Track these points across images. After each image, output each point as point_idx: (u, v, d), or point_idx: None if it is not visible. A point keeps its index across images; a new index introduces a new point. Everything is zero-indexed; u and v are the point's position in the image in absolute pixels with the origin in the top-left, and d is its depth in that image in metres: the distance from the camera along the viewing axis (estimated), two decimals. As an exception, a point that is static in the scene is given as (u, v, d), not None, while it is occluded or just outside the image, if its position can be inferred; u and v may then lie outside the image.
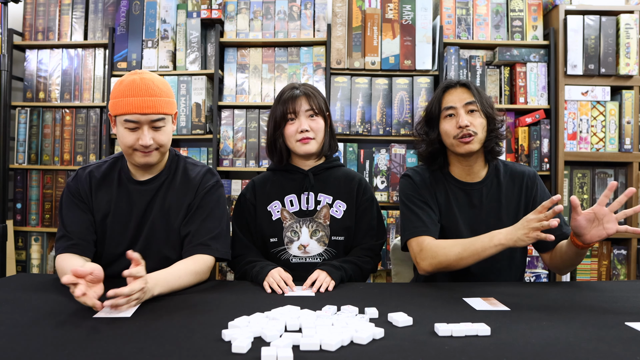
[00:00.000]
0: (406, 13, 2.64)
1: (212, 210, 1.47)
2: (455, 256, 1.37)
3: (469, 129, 1.47)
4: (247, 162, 2.67)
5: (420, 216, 1.50)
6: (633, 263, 2.52)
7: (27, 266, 2.78)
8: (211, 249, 1.42)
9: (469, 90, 1.51)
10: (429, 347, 0.90)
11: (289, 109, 1.58)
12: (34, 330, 0.98)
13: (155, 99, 1.36)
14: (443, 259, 1.39)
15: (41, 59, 2.82)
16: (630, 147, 2.53)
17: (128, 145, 1.37)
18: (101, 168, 1.50)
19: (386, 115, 2.63)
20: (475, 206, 1.53)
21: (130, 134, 1.36)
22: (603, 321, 1.06)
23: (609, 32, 2.52)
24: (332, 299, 1.25)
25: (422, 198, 1.54)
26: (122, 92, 1.36)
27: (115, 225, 1.45)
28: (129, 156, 1.41)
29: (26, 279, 1.50)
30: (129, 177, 1.47)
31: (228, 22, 2.72)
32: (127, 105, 1.34)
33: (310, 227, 1.58)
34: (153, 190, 1.46)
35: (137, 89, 1.35)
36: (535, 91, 2.60)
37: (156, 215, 1.45)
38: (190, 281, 1.34)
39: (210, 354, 0.86)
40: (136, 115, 1.34)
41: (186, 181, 1.49)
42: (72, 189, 1.46)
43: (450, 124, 1.51)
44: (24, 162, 2.79)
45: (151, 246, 1.45)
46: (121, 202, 1.45)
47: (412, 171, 1.61)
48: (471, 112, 1.50)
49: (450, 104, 1.51)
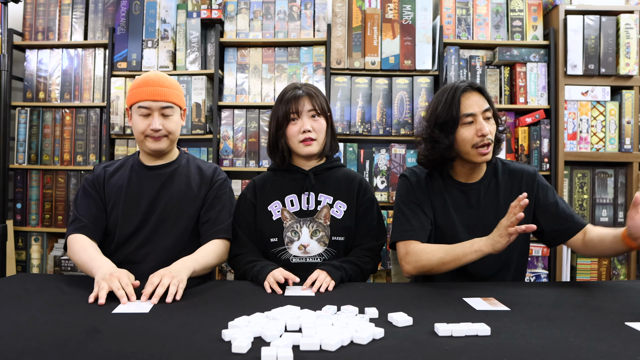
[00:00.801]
0: (406, 13, 2.64)
1: (226, 202, 1.63)
2: (438, 260, 1.40)
3: (488, 137, 1.44)
4: (247, 162, 2.67)
5: (410, 220, 1.50)
6: (633, 263, 2.52)
7: (27, 266, 2.78)
8: (229, 232, 1.60)
9: (482, 95, 1.48)
10: (429, 347, 0.90)
11: (291, 109, 1.58)
12: (34, 330, 0.98)
13: (165, 89, 1.56)
14: (426, 263, 1.42)
15: (41, 59, 2.82)
16: (630, 147, 2.53)
17: (140, 131, 1.55)
18: (116, 163, 1.67)
19: (386, 115, 2.63)
20: (473, 206, 1.53)
21: (143, 121, 1.55)
22: (603, 321, 1.06)
23: (609, 32, 2.52)
24: (332, 299, 1.25)
25: (416, 200, 1.53)
26: (137, 85, 1.56)
27: (126, 208, 1.57)
28: (141, 143, 1.59)
29: (26, 279, 1.50)
30: (140, 164, 1.63)
31: (228, 22, 2.72)
32: (141, 94, 1.54)
33: (311, 227, 1.58)
34: (164, 175, 1.61)
35: (150, 80, 1.56)
36: (535, 91, 2.60)
37: (167, 199, 1.58)
38: (214, 263, 1.51)
39: (210, 354, 0.86)
40: (148, 101, 1.54)
41: (200, 172, 1.65)
42: (89, 180, 1.62)
43: (469, 131, 1.46)
44: (24, 162, 2.79)
45: (160, 229, 1.57)
46: (132, 186, 1.59)
47: (410, 171, 1.60)
48: (487, 120, 1.48)
49: (470, 110, 1.45)
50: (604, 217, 2.56)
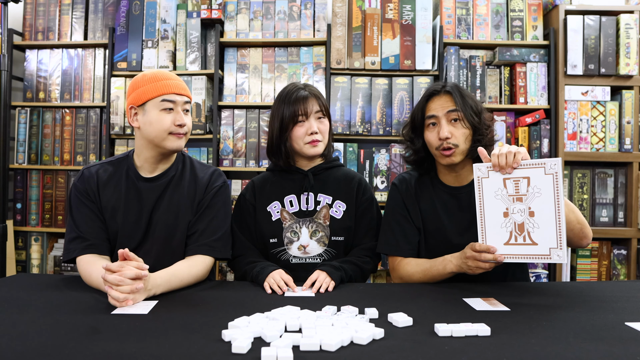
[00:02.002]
0: (406, 13, 2.64)
1: (219, 210, 1.51)
2: (418, 280, 1.49)
3: (449, 141, 1.44)
4: (247, 162, 2.67)
5: (396, 234, 1.55)
6: (633, 263, 2.52)
7: (27, 266, 2.78)
8: (214, 250, 1.48)
9: (452, 97, 1.47)
10: (429, 347, 0.90)
11: (299, 110, 1.55)
12: (34, 330, 0.98)
13: (184, 84, 1.49)
14: (407, 279, 1.52)
15: (41, 59, 2.82)
16: (630, 147, 2.53)
17: (164, 128, 1.42)
18: (107, 167, 1.51)
19: (386, 115, 2.63)
20: (464, 209, 1.52)
21: (167, 116, 1.42)
22: (603, 321, 1.06)
23: (609, 32, 2.52)
24: (332, 299, 1.25)
25: (402, 212, 1.57)
26: (153, 78, 1.43)
27: (125, 222, 1.46)
28: (161, 141, 1.44)
29: (26, 279, 1.50)
30: (137, 175, 1.49)
31: (228, 22, 2.72)
32: (165, 87, 1.43)
33: (310, 228, 1.58)
34: (162, 186, 1.49)
35: (167, 74, 1.46)
36: (535, 91, 2.60)
37: (165, 211, 1.48)
38: (189, 282, 1.39)
39: (210, 354, 0.86)
40: (173, 95, 1.43)
41: (195, 179, 1.53)
42: (80, 188, 1.46)
43: (432, 134, 1.49)
44: (24, 162, 2.79)
45: (162, 242, 1.47)
46: (130, 199, 1.47)
47: (400, 178, 1.63)
48: (454, 122, 1.47)
49: (433, 112, 1.49)
50: (604, 217, 2.56)
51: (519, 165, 1.27)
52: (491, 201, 1.30)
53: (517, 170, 1.28)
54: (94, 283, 1.32)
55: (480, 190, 1.32)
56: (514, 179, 1.28)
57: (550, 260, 1.25)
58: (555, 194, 1.23)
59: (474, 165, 1.34)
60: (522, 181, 1.27)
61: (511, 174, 1.28)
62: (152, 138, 1.44)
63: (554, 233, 1.23)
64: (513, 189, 1.28)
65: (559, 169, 1.23)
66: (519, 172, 1.27)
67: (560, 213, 1.22)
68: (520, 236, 1.27)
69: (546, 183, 1.24)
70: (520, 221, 1.27)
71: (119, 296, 1.14)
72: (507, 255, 1.28)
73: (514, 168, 1.27)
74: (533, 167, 1.26)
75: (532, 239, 1.26)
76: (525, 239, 1.27)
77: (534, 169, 1.26)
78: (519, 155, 1.27)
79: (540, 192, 1.25)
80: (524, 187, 1.27)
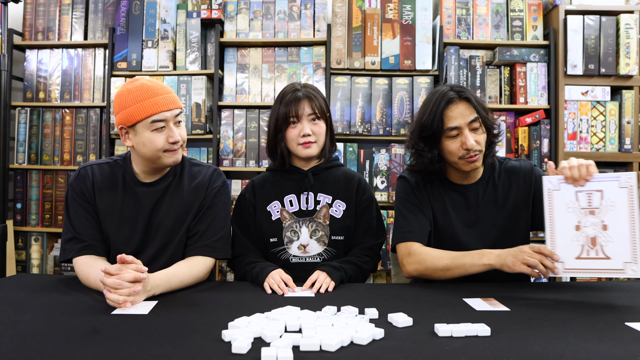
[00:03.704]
0: (406, 13, 2.64)
1: (219, 211, 1.50)
2: (443, 267, 1.39)
3: (475, 149, 1.43)
4: (247, 162, 2.67)
5: (411, 222, 1.51)
6: (633, 263, 2.52)
7: (27, 266, 2.78)
8: (215, 251, 1.47)
9: (470, 104, 1.45)
10: (429, 347, 0.90)
11: (291, 112, 1.56)
12: (34, 330, 0.98)
13: (172, 95, 1.40)
14: (430, 266, 1.41)
15: (41, 59, 2.82)
16: (630, 147, 2.53)
17: (158, 147, 1.37)
18: (103, 168, 1.48)
19: (386, 115, 2.63)
20: (472, 207, 1.53)
21: (159, 136, 1.36)
22: (603, 321, 1.06)
23: (609, 32, 2.52)
24: (332, 299, 1.25)
25: (415, 202, 1.54)
26: (137, 98, 1.35)
27: (122, 228, 1.44)
28: (157, 160, 1.39)
29: (26, 279, 1.50)
30: (134, 179, 1.47)
31: (228, 22, 2.72)
32: (152, 106, 1.34)
33: (310, 227, 1.58)
34: (160, 191, 1.47)
35: (152, 89, 1.36)
36: (535, 91, 2.60)
37: (164, 216, 1.45)
38: (189, 283, 1.38)
39: (210, 354, 0.86)
40: (163, 113, 1.35)
41: (194, 182, 1.50)
42: (76, 189, 1.45)
43: (455, 144, 1.44)
44: (24, 162, 2.79)
45: (161, 247, 1.45)
46: (128, 204, 1.44)
47: (409, 172, 1.61)
48: (475, 130, 1.45)
49: (455, 123, 1.43)
50: (604, 217, 2.56)
51: (592, 178, 1.26)
52: (562, 214, 1.27)
53: (589, 183, 1.26)
54: (92, 285, 1.32)
55: (550, 203, 1.29)
56: (586, 192, 1.26)
57: (624, 274, 1.21)
58: (630, 207, 1.21)
59: (544, 177, 1.31)
60: (595, 194, 1.25)
61: (584, 186, 1.26)
62: (148, 157, 1.40)
63: (628, 247, 1.20)
64: (586, 201, 1.26)
65: (634, 183, 1.22)
66: (591, 185, 1.26)
67: (636, 227, 1.20)
68: (593, 250, 1.24)
69: (620, 196, 1.22)
70: (592, 235, 1.24)
71: (118, 299, 1.13)
72: (578, 270, 1.25)
73: (586, 180, 1.25)
74: (606, 180, 1.25)
75: (605, 253, 1.23)
76: (597, 253, 1.24)
77: (608, 182, 1.24)
78: (591, 168, 1.26)
79: (614, 206, 1.23)
80: (596, 200, 1.25)
